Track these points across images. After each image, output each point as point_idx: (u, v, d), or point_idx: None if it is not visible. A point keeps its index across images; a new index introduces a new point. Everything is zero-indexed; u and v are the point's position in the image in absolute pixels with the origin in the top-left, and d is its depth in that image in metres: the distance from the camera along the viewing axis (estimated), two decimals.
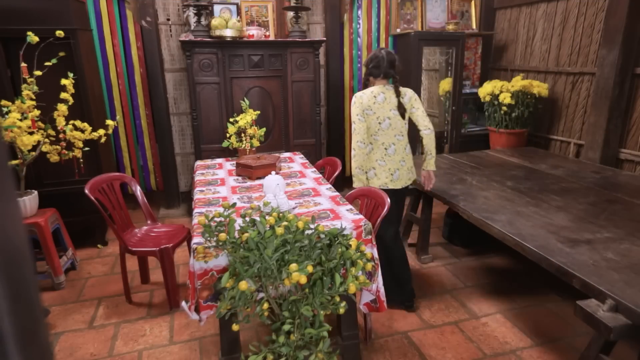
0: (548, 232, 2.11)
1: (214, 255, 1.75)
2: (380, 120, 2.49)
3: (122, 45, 3.86)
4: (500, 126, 4.21)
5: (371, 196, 2.40)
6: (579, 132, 3.96)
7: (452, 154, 3.88)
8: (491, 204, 2.51)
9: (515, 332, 2.37)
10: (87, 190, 2.43)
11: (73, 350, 2.27)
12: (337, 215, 2.05)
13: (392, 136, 2.52)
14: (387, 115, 2.50)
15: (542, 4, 4.28)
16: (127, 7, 3.80)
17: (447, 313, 2.54)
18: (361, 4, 4.40)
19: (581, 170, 3.17)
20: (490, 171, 3.19)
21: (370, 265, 1.76)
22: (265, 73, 3.79)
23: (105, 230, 3.56)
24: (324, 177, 2.78)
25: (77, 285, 2.89)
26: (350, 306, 1.97)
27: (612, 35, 3.42)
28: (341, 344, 2.08)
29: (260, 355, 1.62)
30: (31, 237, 2.70)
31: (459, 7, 4.74)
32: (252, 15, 4.01)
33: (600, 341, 1.67)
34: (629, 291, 1.60)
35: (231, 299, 1.58)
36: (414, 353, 2.21)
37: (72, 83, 2.76)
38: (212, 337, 2.34)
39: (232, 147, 3.14)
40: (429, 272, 3.02)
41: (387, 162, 2.52)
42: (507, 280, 2.90)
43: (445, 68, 4.67)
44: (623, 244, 1.99)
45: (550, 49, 4.23)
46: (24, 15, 2.89)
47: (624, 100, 3.49)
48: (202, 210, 2.11)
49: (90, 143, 2.97)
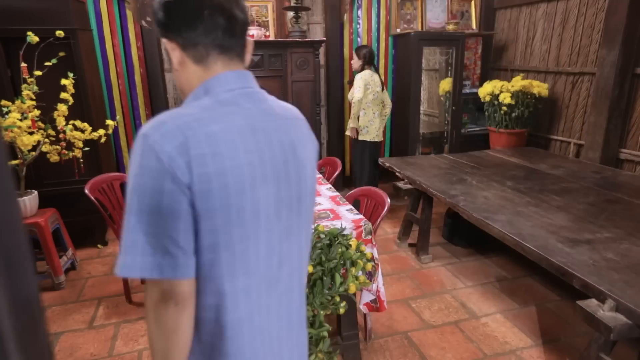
0: (548, 232, 2.11)
1: None
2: (373, 93, 3.67)
3: (122, 45, 3.86)
4: (500, 126, 4.21)
5: (371, 196, 2.40)
6: (579, 132, 3.96)
7: (452, 154, 3.88)
8: (491, 204, 2.51)
9: (515, 332, 2.37)
10: (87, 190, 2.43)
11: (73, 350, 2.27)
12: (337, 215, 2.05)
13: (377, 105, 3.73)
14: (376, 90, 3.70)
15: (542, 4, 4.28)
16: (127, 7, 3.80)
17: (447, 313, 2.54)
18: (361, 4, 4.40)
19: (581, 170, 3.17)
20: (490, 171, 3.19)
21: (370, 265, 1.76)
22: (265, 73, 3.79)
23: (105, 230, 3.56)
24: (324, 177, 2.78)
25: (77, 285, 2.89)
26: (350, 306, 1.97)
27: (612, 35, 3.42)
28: (341, 344, 2.08)
29: None
30: (31, 237, 2.70)
31: (459, 7, 4.74)
32: (252, 15, 4.02)
33: (600, 341, 1.67)
34: (629, 291, 1.60)
35: None
36: (414, 353, 2.21)
37: (72, 83, 2.76)
38: None
39: None
40: (429, 272, 3.02)
41: (375, 123, 3.75)
42: (507, 280, 2.90)
43: (445, 68, 4.67)
44: (623, 244, 1.99)
45: (550, 49, 4.23)
46: (24, 15, 2.89)
47: (624, 100, 3.49)
48: None
49: (90, 143, 2.97)
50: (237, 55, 0.84)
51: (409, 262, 3.17)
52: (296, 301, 0.90)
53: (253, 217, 0.76)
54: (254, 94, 0.83)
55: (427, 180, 2.99)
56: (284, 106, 0.90)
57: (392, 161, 3.55)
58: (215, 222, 0.72)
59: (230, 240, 0.74)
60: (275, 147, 0.80)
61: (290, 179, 0.82)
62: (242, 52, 0.85)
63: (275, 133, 0.81)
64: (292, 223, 0.84)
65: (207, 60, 0.80)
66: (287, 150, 0.82)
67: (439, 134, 4.85)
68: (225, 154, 0.72)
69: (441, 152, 4.67)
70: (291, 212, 0.84)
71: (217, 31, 0.79)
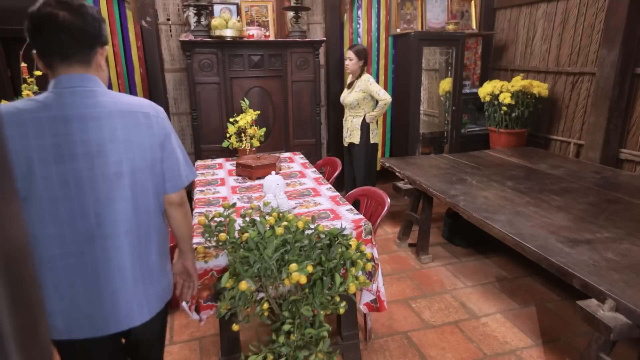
0: (548, 232, 2.11)
1: (214, 255, 1.75)
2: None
3: (122, 45, 3.86)
4: (500, 126, 4.21)
5: (371, 196, 2.40)
6: (579, 132, 3.96)
7: (452, 154, 3.88)
8: (491, 204, 2.51)
9: (515, 332, 2.37)
10: None
11: None
12: (337, 215, 2.05)
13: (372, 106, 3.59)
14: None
15: (542, 4, 4.28)
16: (127, 7, 3.80)
17: (447, 313, 2.54)
18: (361, 4, 4.40)
19: (581, 170, 3.17)
20: (490, 171, 3.19)
21: (370, 265, 1.76)
22: (265, 73, 3.79)
23: None
24: (324, 177, 2.78)
25: None
26: (350, 306, 1.97)
27: (612, 35, 3.42)
28: (341, 344, 2.08)
29: (260, 355, 1.62)
30: None
31: (459, 7, 4.74)
32: (252, 15, 4.01)
33: (600, 341, 1.67)
34: (629, 291, 1.60)
35: (231, 299, 1.58)
36: (414, 353, 2.21)
37: None
38: (212, 337, 2.34)
39: (232, 147, 3.14)
40: (429, 272, 3.02)
41: (376, 125, 3.65)
42: (507, 280, 2.90)
43: (445, 68, 4.67)
44: (623, 244, 1.99)
45: (550, 49, 4.23)
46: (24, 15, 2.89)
47: (624, 100, 3.49)
48: (202, 210, 2.11)
49: None
50: (77, 61, 1.15)
51: (409, 262, 3.17)
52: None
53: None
54: (81, 91, 1.15)
55: (427, 180, 2.99)
56: (120, 101, 1.21)
57: (392, 161, 3.55)
58: None
59: None
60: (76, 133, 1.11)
61: (90, 156, 1.12)
62: (83, 59, 1.16)
63: (80, 121, 1.12)
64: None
65: (51, 66, 1.16)
66: (75, 136, 1.11)
67: (439, 134, 4.85)
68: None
69: (441, 152, 4.67)
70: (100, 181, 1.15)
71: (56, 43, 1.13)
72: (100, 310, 1.19)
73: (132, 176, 1.19)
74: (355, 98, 3.45)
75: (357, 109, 3.50)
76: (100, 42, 1.18)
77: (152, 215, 1.28)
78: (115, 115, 1.16)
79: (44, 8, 1.10)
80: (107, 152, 1.14)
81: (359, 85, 3.43)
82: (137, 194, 1.21)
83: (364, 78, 3.42)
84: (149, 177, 1.24)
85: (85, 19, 1.12)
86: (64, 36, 1.11)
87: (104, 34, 1.20)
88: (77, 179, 1.11)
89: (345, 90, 3.60)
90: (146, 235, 1.26)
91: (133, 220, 1.21)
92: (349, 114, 3.59)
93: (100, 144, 1.13)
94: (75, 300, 1.16)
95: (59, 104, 1.12)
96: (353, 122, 3.54)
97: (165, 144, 1.27)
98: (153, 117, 1.24)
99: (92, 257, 1.15)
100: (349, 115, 3.60)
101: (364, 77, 3.42)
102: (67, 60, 1.14)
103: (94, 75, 1.18)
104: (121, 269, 1.20)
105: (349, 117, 3.59)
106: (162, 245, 1.34)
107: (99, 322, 1.19)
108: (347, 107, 3.58)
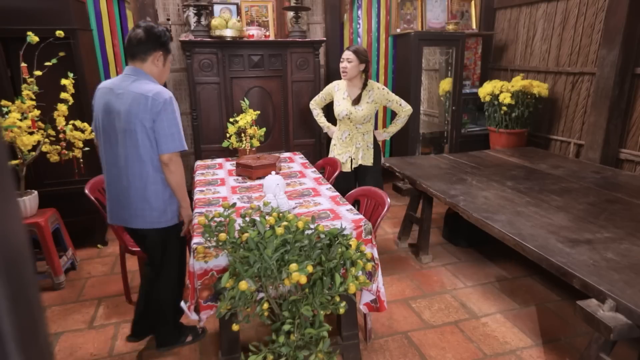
0: (548, 232, 2.11)
1: (214, 255, 1.76)
2: None
3: (122, 45, 3.86)
4: (500, 126, 4.21)
5: (371, 196, 2.40)
6: (579, 132, 3.96)
7: (452, 154, 3.88)
8: (491, 204, 2.51)
9: (515, 332, 2.37)
10: (87, 190, 2.43)
11: (73, 350, 2.27)
12: (337, 215, 2.05)
13: None
14: None
15: (542, 4, 4.28)
16: (127, 7, 3.80)
17: (447, 313, 2.54)
18: (361, 4, 4.40)
19: (581, 170, 3.17)
20: (490, 171, 3.19)
21: (370, 265, 1.76)
22: (265, 73, 3.79)
23: (105, 230, 3.56)
24: (324, 177, 2.78)
25: (77, 285, 2.89)
26: (350, 306, 1.97)
27: (612, 35, 3.42)
28: (341, 344, 2.08)
29: (260, 355, 1.62)
30: (31, 237, 2.70)
31: (459, 7, 4.74)
32: (252, 15, 4.02)
33: (600, 341, 1.67)
34: (629, 291, 1.60)
35: (231, 299, 1.58)
36: (414, 353, 2.21)
37: (72, 83, 2.76)
38: (212, 337, 2.34)
39: (232, 147, 3.14)
40: (429, 272, 3.02)
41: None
42: (507, 280, 2.90)
43: (445, 68, 4.67)
44: (623, 244, 1.99)
45: (550, 49, 4.23)
46: (24, 15, 2.89)
47: (624, 100, 3.49)
48: (202, 210, 2.11)
49: (90, 143, 2.97)
50: (138, 59, 1.95)
51: (409, 262, 3.17)
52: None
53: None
54: (126, 77, 1.93)
55: (427, 180, 2.99)
56: (135, 87, 1.88)
57: (392, 161, 3.55)
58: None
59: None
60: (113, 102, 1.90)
61: (112, 118, 1.89)
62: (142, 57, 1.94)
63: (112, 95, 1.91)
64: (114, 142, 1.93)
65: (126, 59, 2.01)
66: (113, 103, 1.89)
67: (439, 134, 4.85)
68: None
69: (441, 152, 4.67)
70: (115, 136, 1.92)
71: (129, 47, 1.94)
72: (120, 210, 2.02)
73: (134, 134, 1.86)
74: (369, 111, 2.95)
75: (367, 125, 3.01)
76: (154, 49, 1.94)
77: (146, 164, 1.91)
78: (130, 95, 1.86)
79: (134, 29, 1.95)
80: (121, 116, 1.86)
81: (370, 96, 2.94)
82: (138, 145, 1.88)
83: (378, 86, 2.97)
84: (145, 137, 1.87)
85: (147, 34, 1.92)
86: (133, 43, 1.93)
87: (158, 45, 1.94)
88: (111, 128, 1.91)
89: (346, 103, 2.96)
90: (140, 175, 1.93)
91: (136, 163, 1.91)
92: (357, 131, 3.00)
93: (119, 110, 1.86)
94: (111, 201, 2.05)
95: (116, 81, 1.94)
96: (365, 139, 3.02)
97: (155, 119, 1.84)
98: (151, 99, 1.84)
99: (118, 177, 1.95)
100: (356, 133, 3.00)
101: (376, 85, 2.97)
102: (131, 57, 1.95)
103: (140, 69, 1.93)
104: (133, 188, 1.96)
105: (356, 135, 3.01)
106: (155, 189, 1.96)
107: (120, 218, 2.04)
108: (352, 123, 2.98)
